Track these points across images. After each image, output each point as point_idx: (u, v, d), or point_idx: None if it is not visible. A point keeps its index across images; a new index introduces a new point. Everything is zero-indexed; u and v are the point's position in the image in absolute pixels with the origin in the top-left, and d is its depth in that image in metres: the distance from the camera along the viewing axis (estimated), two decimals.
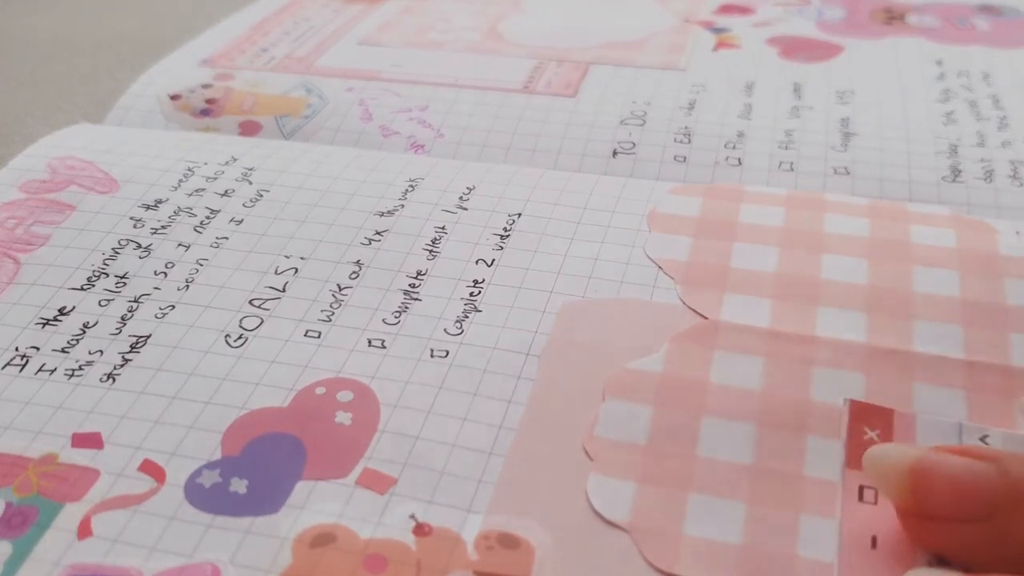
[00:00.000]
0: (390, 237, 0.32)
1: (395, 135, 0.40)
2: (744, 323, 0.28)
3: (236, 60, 0.46)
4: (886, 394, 0.26)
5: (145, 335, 0.29)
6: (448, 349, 0.28)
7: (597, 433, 0.25)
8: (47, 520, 0.24)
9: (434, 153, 0.39)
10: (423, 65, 0.45)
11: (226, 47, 0.47)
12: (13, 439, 0.26)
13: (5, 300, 0.30)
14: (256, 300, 0.30)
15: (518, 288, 0.30)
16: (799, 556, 0.23)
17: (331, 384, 0.27)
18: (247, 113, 0.41)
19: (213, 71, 0.45)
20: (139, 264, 0.31)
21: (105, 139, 0.38)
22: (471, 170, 0.36)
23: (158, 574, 0.22)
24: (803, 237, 0.32)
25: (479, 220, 0.33)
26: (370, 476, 0.24)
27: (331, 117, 0.41)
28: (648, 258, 0.31)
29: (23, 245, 0.32)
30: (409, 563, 0.22)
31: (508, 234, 0.32)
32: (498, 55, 0.46)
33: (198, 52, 0.47)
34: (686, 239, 0.31)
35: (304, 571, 0.22)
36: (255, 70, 0.45)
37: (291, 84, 0.43)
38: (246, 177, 0.35)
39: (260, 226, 0.33)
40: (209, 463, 0.25)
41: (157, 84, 0.44)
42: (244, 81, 0.44)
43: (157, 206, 0.34)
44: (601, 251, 0.31)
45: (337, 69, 0.45)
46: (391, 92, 0.43)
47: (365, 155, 0.37)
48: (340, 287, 0.30)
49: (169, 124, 0.41)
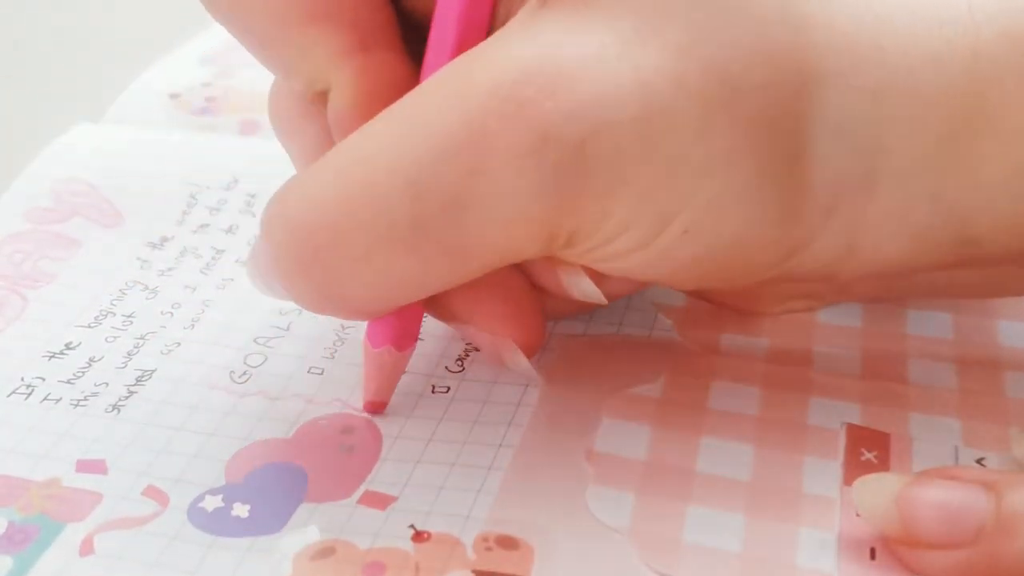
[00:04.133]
0: None
1: None
2: (741, 356, 0.29)
3: (236, 58, 0.46)
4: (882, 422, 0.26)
5: (151, 369, 0.29)
6: (449, 385, 0.28)
7: (597, 448, 0.26)
8: (49, 538, 0.24)
9: None
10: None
11: (226, 45, 0.47)
12: (17, 462, 0.26)
13: (12, 334, 0.30)
14: (260, 339, 0.30)
15: None
16: (798, 566, 0.23)
17: (334, 419, 0.27)
18: (247, 111, 0.42)
19: (213, 69, 0.45)
20: (146, 305, 0.32)
21: (106, 150, 0.38)
22: None
23: None
24: None
25: None
26: (371, 497, 0.25)
27: None
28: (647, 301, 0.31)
29: (30, 282, 0.33)
30: (408, 567, 0.22)
31: None
32: None
33: (198, 50, 0.47)
34: None
35: None
36: (255, 68, 0.44)
37: None
38: (249, 208, 0.36)
39: None
40: (212, 489, 0.25)
41: (157, 82, 0.44)
42: (244, 79, 0.44)
43: (163, 245, 0.34)
44: None
45: None
46: None
47: None
48: (344, 326, 0.31)
49: (169, 123, 0.41)
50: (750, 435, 0.26)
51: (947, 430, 0.26)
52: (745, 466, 0.25)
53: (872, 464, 0.25)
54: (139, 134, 0.40)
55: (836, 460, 0.25)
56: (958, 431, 0.26)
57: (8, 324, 0.31)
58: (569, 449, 0.26)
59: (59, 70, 0.49)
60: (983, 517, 0.21)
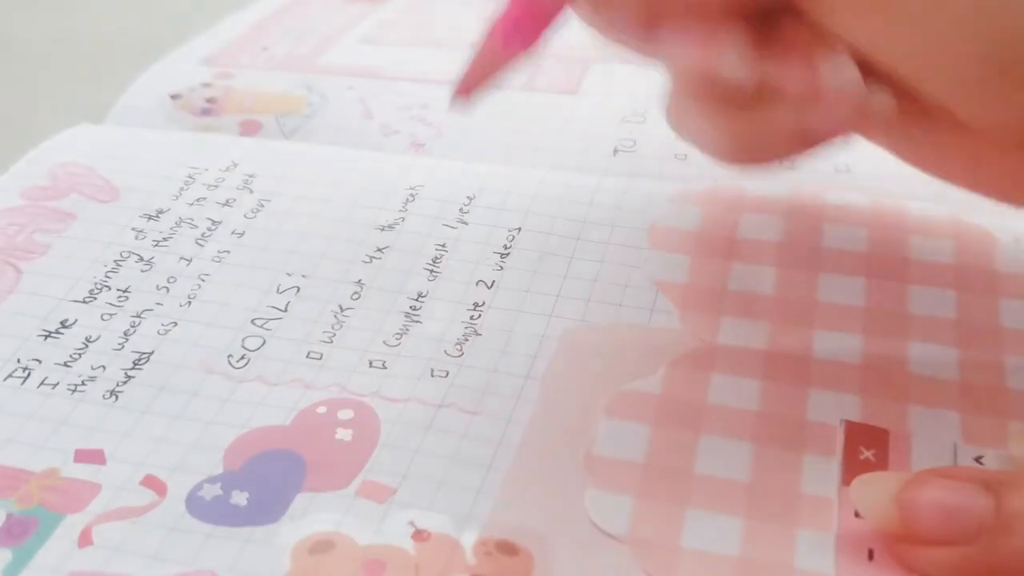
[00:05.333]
0: (391, 255, 0.32)
1: (396, 134, 0.40)
2: (741, 346, 0.29)
3: (236, 59, 0.46)
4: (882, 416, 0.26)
5: (148, 352, 0.29)
6: (448, 370, 0.28)
7: (595, 451, 0.26)
8: (48, 530, 0.24)
9: (434, 152, 0.39)
10: (424, 63, 0.45)
11: (226, 46, 0.47)
12: (15, 452, 0.26)
13: (6, 309, 0.30)
14: (258, 320, 0.30)
15: (518, 312, 0.30)
16: (796, 569, 0.23)
17: (332, 404, 0.27)
18: (248, 112, 0.41)
19: (213, 70, 0.45)
20: (141, 278, 0.31)
21: (106, 141, 0.38)
22: (470, 176, 0.36)
23: None
24: (801, 254, 0.32)
25: (479, 236, 0.33)
26: (370, 487, 0.25)
27: (332, 116, 0.41)
28: (647, 279, 0.31)
29: (24, 253, 0.32)
30: (408, 567, 0.23)
31: (508, 252, 0.32)
32: None
33: (198, 51, 0.47)
34: (685, 258, 0.32)
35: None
36: (256, 69, 0.45)
37: (292, 83, 0.43)
38: (247, 185, 0.35)
39: (261, 239, 0.33)
40: (210, 477, 0.25)
41: (157, 83, 0.43)
42: (244, 80, 0.44)
43: (158, 216, 0.34)
44: (601, 272, 0.31)
45: (338, 67, 0.45)
46: (392, 90, 0.43)
47: (365, 158, 0.37)
48: (342, 308, 0.30)
49: (170, 123, 0.41)
50: (749, 433, 0.26)
51: (946, 425, 0.26)
52: (744, 466, 0.25)
53: (870, 463, 0.25)
54: (139, 131, 0.40)
55: (834, 459, 0.25)
56: (957, 426, 0.26)
57: (2, 299, 0.31)
58: (568, 451, 0.26)
59: (59, 70, 0.48)
60: (983, 516, 0.21)
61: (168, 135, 0.39)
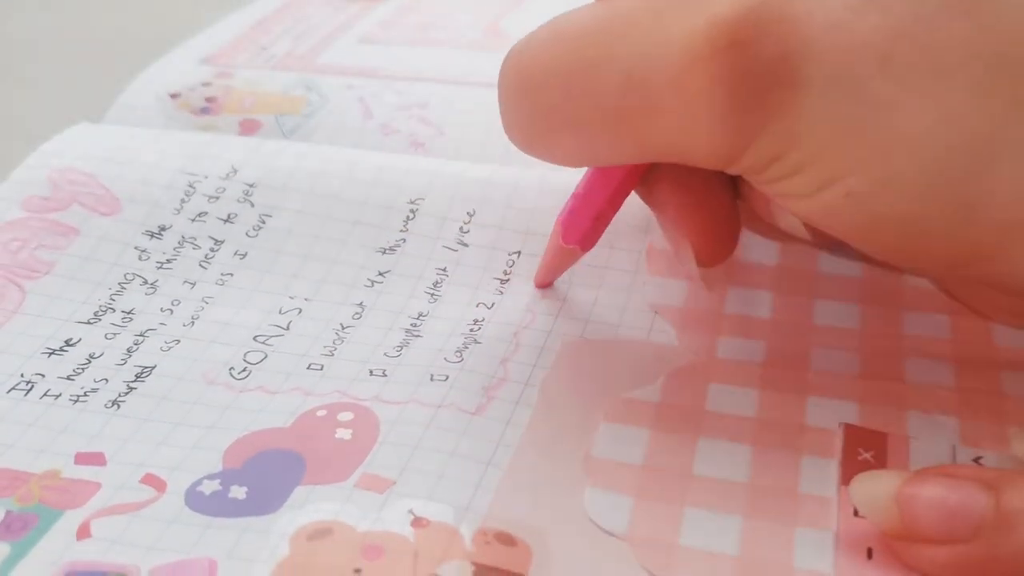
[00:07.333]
0: (392, 279, 0.33)
1: (395, 133, 0.40)
2: (738, 359, 0.29)
3: (236, 58, 0.46)
4: (880, 421, 0.27)
5: (150, 366, 0.29)
6: (448, 374, 0.28)
7: (594, 453, 0.26)
8: (47, 525, 0.24)
9: (434, 152, 0.39)
10: (424, 62, 0.46)
11: (226, 45, 0.47)
12: (16, 456, 0.26)
13: (10, 329, 0.30)
14: (260, 336, 0.30)
15: (517, 327, 0.30)
16: (795, 568, 0.23)
17: (332, 407, 0.27)
18: (247, 111, 0.42)
19: (213, 69, 0.45)
20: (145, 300, 0.32)
21: (105, 144, 0.38)
22: (471, 186, 0.35)
23: (155, 568, 0.23)
24: (798, 280, 0.32)
25: (479, 260, 0.33)
26: (369, 479, 0.25)
27: (331, 115, 0.41)
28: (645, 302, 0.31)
29: (28, 271, 0.32)
30: (407, 552, 0.23)
31: (508, 278, 0.32)
32: (499, 52, 0.46)
33: (198, 50, 0.47)
34: (681, 283, 0.32)
35: (301, 561, 0.22)
36: (255, 68, 0.45)
37: (291, 82, 0.44)
38: (248, 197, 0.35)
39: (264, 262, 0.33)
40: (210, 474, 0.25)
41: (157, 82, 0.44)
42: (244, 79, 0.44)
43: (161, 234, 0.34)
44: (599, 296, 0.32)
45: (337, 67, 0.45)
46: (391, 90, 0.43)
47: (364, 162, 0.36)
48: (343, 326, 0.31)
49: (169, 123, 0.41)
50: (747, 436, 0.26)
51: (945, 428, 0.26)
52: (742, 467, 0.25)
53: (869, 463, 0.25)
54: (138, 131, 0.40)
55: (833, 460, 0.25)
56: (956, 429, 0.26)
57: (7, 319, 0.31)
58: (567, 453, 0.26)
59: (58, 69, 0.49)
60: (983, 514, 0.21)
61: (167, 135, 0.39)
